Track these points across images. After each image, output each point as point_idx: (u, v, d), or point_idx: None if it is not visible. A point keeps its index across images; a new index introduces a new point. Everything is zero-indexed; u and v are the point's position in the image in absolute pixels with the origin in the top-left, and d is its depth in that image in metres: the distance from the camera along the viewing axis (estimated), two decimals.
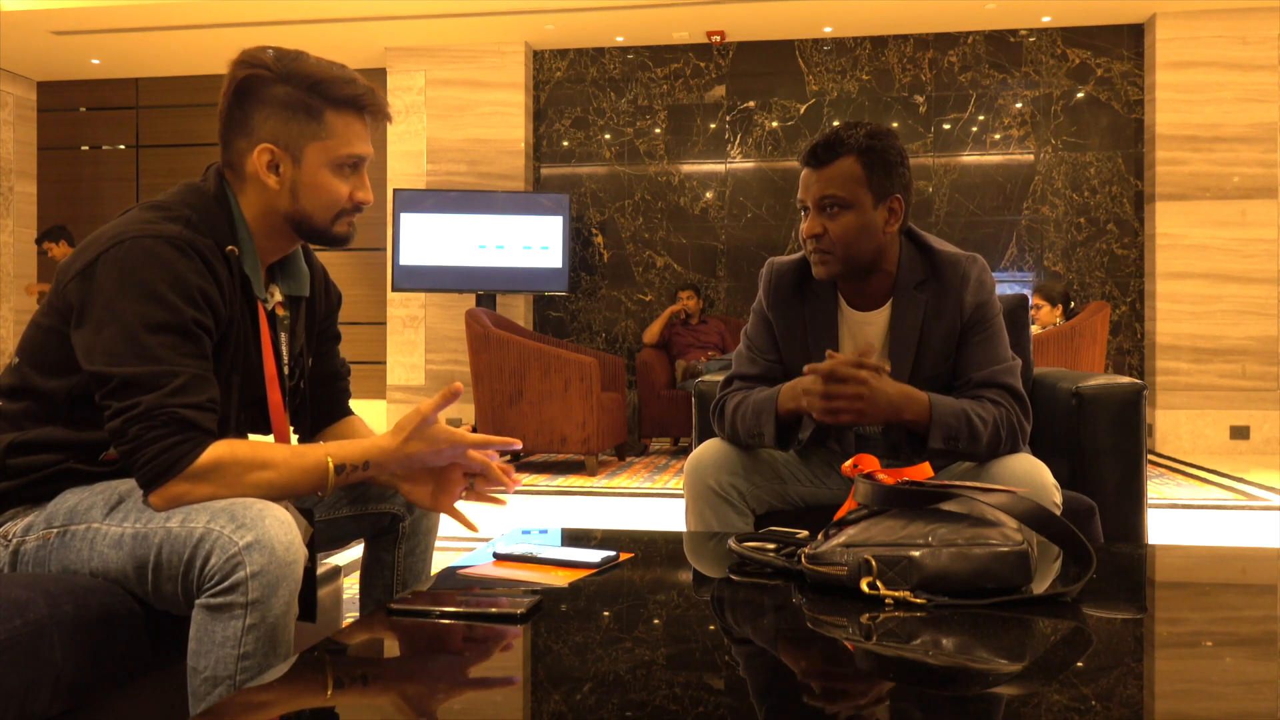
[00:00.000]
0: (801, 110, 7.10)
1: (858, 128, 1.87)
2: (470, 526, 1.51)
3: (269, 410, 1.50)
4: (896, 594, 1.25)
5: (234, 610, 1.23)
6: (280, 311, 1.55)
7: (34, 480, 1.38)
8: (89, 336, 1.31)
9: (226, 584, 1.23)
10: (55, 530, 1.34)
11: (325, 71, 1.44)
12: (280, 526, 1.26)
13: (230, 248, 1.42)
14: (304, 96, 1.42)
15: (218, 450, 1.31)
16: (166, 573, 1.27)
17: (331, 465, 1.37)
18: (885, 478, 1.41)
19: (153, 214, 1.38)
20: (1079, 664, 1.12)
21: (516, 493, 4.96)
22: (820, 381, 1.78)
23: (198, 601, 1.25)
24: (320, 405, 1.70)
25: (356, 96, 1.45)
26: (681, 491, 2.02)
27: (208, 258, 1.38)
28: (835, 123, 6.99)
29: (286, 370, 1.55)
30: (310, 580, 1.33)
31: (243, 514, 1.26)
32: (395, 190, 6.72)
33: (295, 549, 1.27)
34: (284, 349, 1.55)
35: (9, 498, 1.39)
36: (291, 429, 1.58)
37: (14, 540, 1.36)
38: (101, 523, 1.32)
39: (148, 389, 1.28)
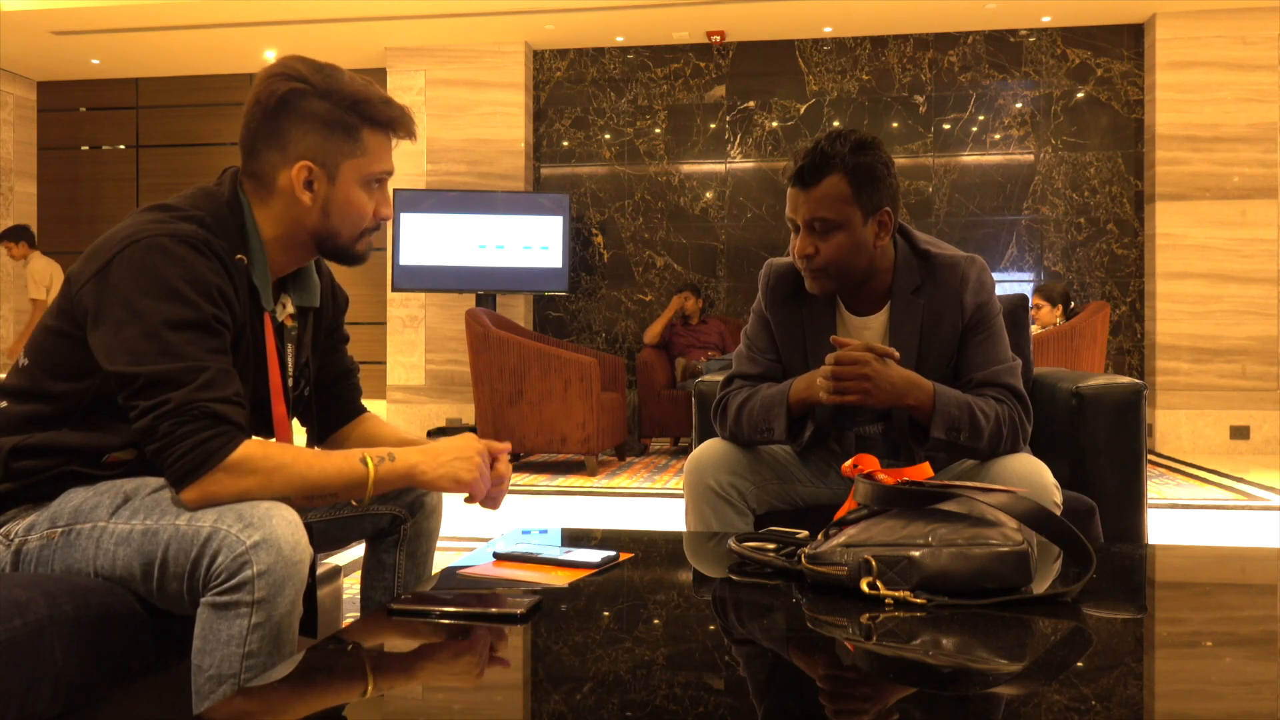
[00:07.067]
0: (801, 110, 7.10)
1: (842, 141, 1.84)
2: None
3: (272, 421, 1.49)
4: (896, 594, 1.25)
5: (239, 609, 1.23)
6: (289, 323, 1.54)
7: (36, 481, 1.38)
8: (108, 337, 1.30)
9: (233, 582, 1.23)
10: (60, 529, 1.33)
11: (363, 90, 1.44)
12: (287, 526, 1.26)
13: (239, 256, 1.41)
14: (343, 114, 1.42)
15: (250, 447, 1.30)
16: (173, 570, 1.27)
17: (370, 458, 1.36)
18: (885, 478, 1.41)
19: (165, 214, 1.37)
20: (1079, 664, 1.12)
21: (516, 492, 4.97)
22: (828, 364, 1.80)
23: (203, 599, 1.25)
24: (335, 404, 1.70)
25: (393, 119, 1.46)
26: (681, 491, 2.02)
27: (224, 258, 1.37)
28: (835, 123, 7.02)
29: (290, 382, 1.54)
30: (310, 596, 1.33)
31: (250, 513, 1.26)
32: (395, 190, 6.71)
33: (302, 549, 1.27)
34: (290, 360, 1.54)
35: (10, 498, 1.38)
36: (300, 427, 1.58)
37: (15, 540, 1.36)
38: (108, 521, 1.31)
39: (175, 385, 1.27)
